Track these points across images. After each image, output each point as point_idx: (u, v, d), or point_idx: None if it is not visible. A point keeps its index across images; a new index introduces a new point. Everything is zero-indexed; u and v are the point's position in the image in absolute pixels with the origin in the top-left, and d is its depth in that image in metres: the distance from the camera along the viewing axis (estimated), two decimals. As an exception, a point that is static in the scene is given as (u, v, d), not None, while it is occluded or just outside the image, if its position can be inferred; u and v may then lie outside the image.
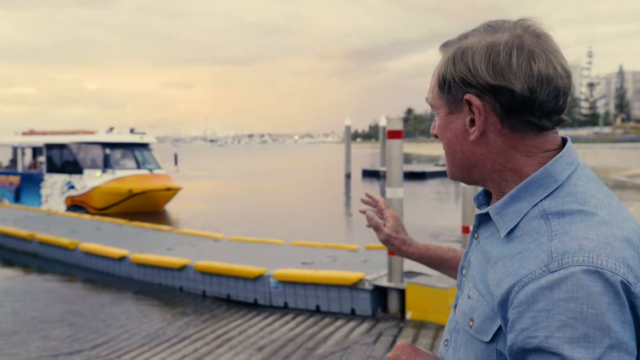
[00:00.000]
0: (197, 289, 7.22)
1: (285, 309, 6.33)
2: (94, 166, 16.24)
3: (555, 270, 0.78)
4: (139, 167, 16.74)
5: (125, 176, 15.90)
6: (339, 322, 5.69)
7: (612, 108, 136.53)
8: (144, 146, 17.58)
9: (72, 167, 16.52)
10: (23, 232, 10.28)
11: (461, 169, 0.99)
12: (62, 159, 16.92)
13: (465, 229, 7.04)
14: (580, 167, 0.92)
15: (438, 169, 30.72)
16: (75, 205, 16.01)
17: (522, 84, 0.87)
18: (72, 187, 16.23)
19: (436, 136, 1.04)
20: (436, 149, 68.49)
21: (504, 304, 0.84)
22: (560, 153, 0.91)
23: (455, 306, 1.05)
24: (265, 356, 4.82)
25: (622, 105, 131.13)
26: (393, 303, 5.79)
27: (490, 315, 0.88)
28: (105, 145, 16.50)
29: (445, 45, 0.99)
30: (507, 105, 0.88)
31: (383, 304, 5.90)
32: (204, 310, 6.55)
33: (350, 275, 6.01)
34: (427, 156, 55.72)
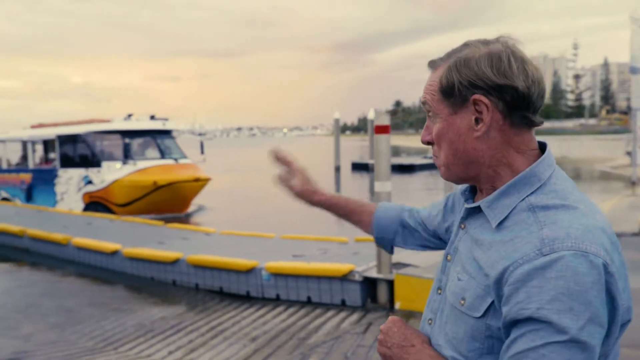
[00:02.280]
0: (190, 282, 7.33)
1: (277, 300, 6.47)
2: (113, 158, 14.57)
3: (547, 254, 0.93)
4: (163, 156, 15.05)
5: (149, 167, 14.26)
6: (329, 313, 5.84)
7: (597, 100, 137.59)
8: (166, 133, 15.85)
9: (89, 159, 14.82)
10: (14, 228, 10.33)
11: (460, 166, 1.10)
12: (77, 152, 15.18)
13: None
14: (557, 169, 1.08)
15: (427, 161, 30.92)
16: (95, 202, 14.48)
17: (522, 83, 1.03)
18: (89, 182, 14.62)
19: (429, 143, 1.16)
20: (424, 141, 68.53)
21: (498, 282, 0.98)
22: (543, 156, 1.08)
23: (439, 288, 1.19)
24: (259, 346, 4.96)
25: (607, 97, 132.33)
26: (382, 294, 5.95)
27: (481, 294, 1.02)
28: (124, 133, 14.82)
29: (434, 63, 1.14)
30: (511, 102, 1.03)
31: (372, 295, 6.05)
32: (197, 302, 6.67)
33: (340, 267, 6.15)
34: (416, 148, 55.93)
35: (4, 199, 16.45)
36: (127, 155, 14.42)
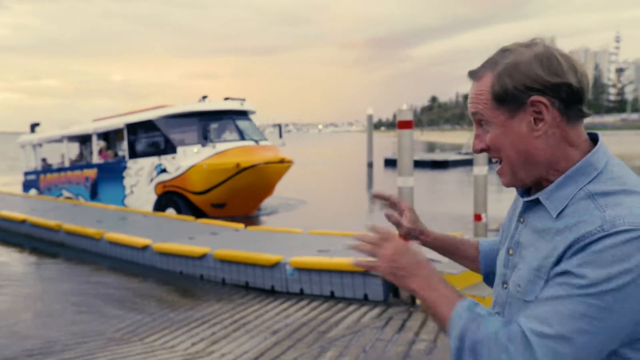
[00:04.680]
0: (217, 276, 7.46)
1: (301, 295, 6.54)
2: (189, 142, 13.19)
3: (608, 230, 0.98)
4: (242, 138, 13.59)
5: (229, 149, 12.87)
6: (351, 307, 5.88)
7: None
8: (244, 114, 14.42)
9: (162, 146, 13.50)
10: (51, 222, 10.66)
11: (525, 169, 1.13)
12: (149, 139, 13.94)
13: (477, 217, 7.16)
14: (611, 157, 1.12)
15: (460, 157, 30.63)
16: (169, 192, 13.18)
17: (574, 78, 1.08)
18: (163, 170, 13.27)
19: (482, 150, 1.17)
20: (460, 138, 67.94)
21: (559, 257, 1.03)
22: (597, 146, 1.12)
23: (504, 282, 1.22)
24: (279, 339, 5.04)
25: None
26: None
27: (531, 278, 1.07)
28: (201, 115, 13.50)
29: (475, 73, 1.17)
30: (566, 98, 1.08)
31: (395, 290, 6.06)
32: (222, 296, 6.79)
33: (362, 262, 6.17)
34: (451, 144, 55.41)
35: (67, 199, 15.74)
36: (205, 138, 13.08)
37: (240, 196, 12.83)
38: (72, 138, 16.64)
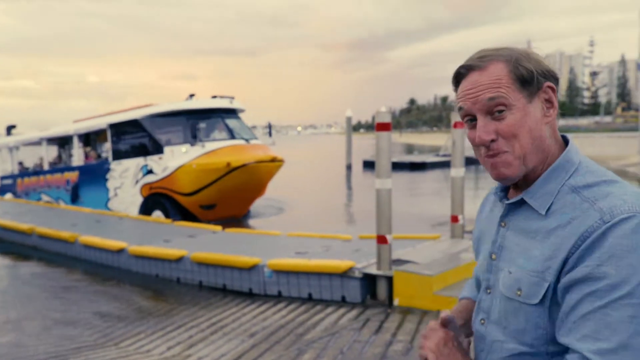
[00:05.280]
0: (194, 279, 7.39)
1: (279, 297, 6.50)
2: (176, 142, 12.75)
3: (609, 221, 0.99)
4: (232, 137, 13.17)
5: (219, 148, 12.43)
6: (329, 309, 5.86)
7: (614, 97, 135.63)
8: (233, 112, 14.06)
9: (148, 147, 12.98)
10: (23, 226, 10.47)
11: (534, 155, 1.12)
12: (134, 140, 13.39)
13: (454, 218, 7.20)
14: (582, 154, 1.15)
15: (438, 159, 30.83)
16: (156, 194, 12.72)
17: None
18: (149, 171, 12.78)
19: (491, 141, 1.10)
20: (438, 140, 68.44)
21: (566, 259, 1.03)
22: (570, 144, 1.15)
23: (487, 288, 1.22)
24: (257, 342, 5.00)
25: (624, 94, 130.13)
26: (381, 290, 5.96)
27: (535, 281, 1.07)
28: (189, 114, 12.98)
29: (478, 63, 1.12)
30: (557, 91, 1.14)
31: (372, 291, 6.06)
32: (200, 299, 6.72)
33: (340, 264, 6.17)
34: (429, 146, 55.75)
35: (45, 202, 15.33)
36: (193, 137, 12.58)
37: (230, 197, 12.54)
38: (51, 140, 16.23)
